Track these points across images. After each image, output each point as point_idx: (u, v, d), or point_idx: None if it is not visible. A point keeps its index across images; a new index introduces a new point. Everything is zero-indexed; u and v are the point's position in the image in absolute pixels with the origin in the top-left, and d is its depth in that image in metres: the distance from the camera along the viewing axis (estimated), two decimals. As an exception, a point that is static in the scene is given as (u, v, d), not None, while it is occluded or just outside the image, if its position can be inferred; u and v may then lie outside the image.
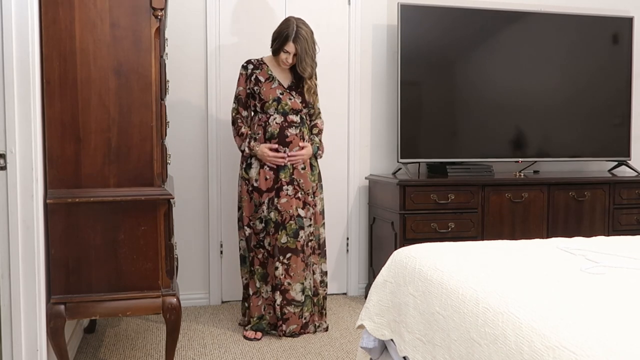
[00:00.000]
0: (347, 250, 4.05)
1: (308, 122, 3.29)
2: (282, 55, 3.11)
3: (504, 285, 1.67)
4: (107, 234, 2.34)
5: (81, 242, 2.32)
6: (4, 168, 2.14)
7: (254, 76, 3.18)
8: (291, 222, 3.14)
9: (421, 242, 2.40)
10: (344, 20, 3.95)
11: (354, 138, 4.00)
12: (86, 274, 2.33)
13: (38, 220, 2.21)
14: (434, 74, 3.92)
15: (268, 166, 3.14)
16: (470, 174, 3.81)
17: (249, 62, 3.23)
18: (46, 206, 2.28)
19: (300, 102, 3.19)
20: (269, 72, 3.19)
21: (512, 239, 3.33)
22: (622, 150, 4.18)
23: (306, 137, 3.22)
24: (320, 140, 3.30)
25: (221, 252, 3.80)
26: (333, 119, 3.95)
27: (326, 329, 3.28)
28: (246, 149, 3.17)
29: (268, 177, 3.15)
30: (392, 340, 2.14)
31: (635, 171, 4.14)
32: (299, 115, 3.20)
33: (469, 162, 3.92)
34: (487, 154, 3.97)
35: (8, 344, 2.21)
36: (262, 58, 3.25)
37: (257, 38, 3.66)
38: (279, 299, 3.15)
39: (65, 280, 2.32)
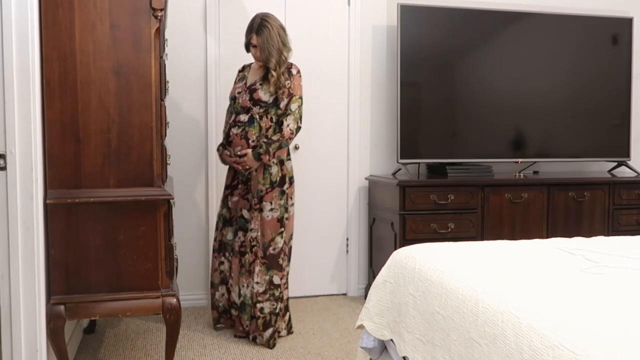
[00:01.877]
0: (347, 251, 4.05)
1: (268, 122, 3.05)
2: (252, 50, 3.11)
3: (503, 285, 1.67)
4: (106, 234, 2.34)
5: (81, 242, 2.32)
6: (3, 168, 2.14)
7: (237, 77, 3.26)
8: (238, 219, 3.17)
9: (421, 243, 2.40)
10: (344, 21, 3.96)
11: (353, 139, 4.00)
12: (86, 275, 2.33)
13: (38, 221, 2.21)
14: (433, 75, 3.92)
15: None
16: (470, 174, 3.81)
17: (244, 65, 3.28)
18: (46, 207, 2.28)
19: (249, 100, 3.06)
20: (245, 73, 3.21)
21: (512, 239, 3.33)
22: (622, 151, 4.19)
23: (252, 137, 3.03)
24: (274, 146, 2.99)
25: (221, 253, 3.80)
26: (333, 120, 3.95)
27: (268, 345, 3.02)
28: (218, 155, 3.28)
29: (230, 174, 3.22)
30: (391, 340, 2.14)
31: (635, 172, 4.14)
32: (248, 114, 3.05)
33: (468, 162, 3.92)
34: (486, 155, 3.97)
35: (8, 345, 2.21)
36: (254, 62, 3.25)
37: (256, 39, 3.66)
38: (227, 294, 3.23)
39: (65, 281, 2.32)
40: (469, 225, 3.61)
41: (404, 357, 2.03)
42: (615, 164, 4.28)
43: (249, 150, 3.01)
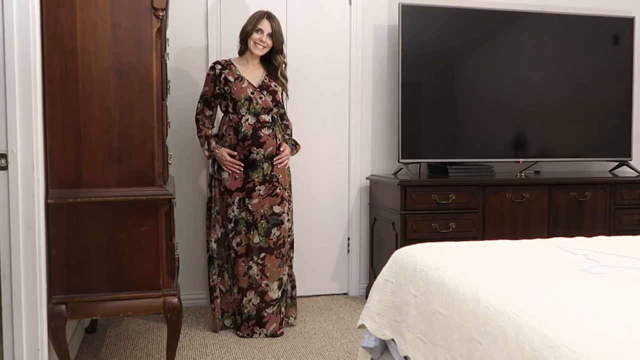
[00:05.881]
0: (348, 251, 4.05)
1: (280, 122, 3.29)
2: (255, 36, 3.13)
3: (505, 285, 1.67)
4: (108, 234, 2.34)
5: (82, 242, 2.32)
6: (5, 168, 2.15)
7: (222, 76, 3.19)
8: (262, 221, 3.14)
9: (422, 242, 2.40)
10: (345, 20, 3.96)
11: (354, 138, 4.00)
12: (87, 274, 2.33)
13: (39, 220, 2.21)
14: (435, 74, 3.92)
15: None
16: (471, 174, 3.81)
17: (217, 62, 3.24)
18: (47, 206, 2.28)
19: (271, 101, 3.19)
20: (237, 72, 3.20)
21: (513, 239, 3.32)
22: (623, 151, 4.18)
23: (279, 136, 3.21)
24: (294, 139, 3.38)
25: (222, 253, 3.80)
26: (334, 119, 3.96)
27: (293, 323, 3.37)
28: (206, 152, 3.20)
29: (237, 177, 3.16)
30: (393, 340, 2.14)
31: (636, 171, 4.13)
32: (270, 115, 3.18)
33: (469, 162, 3.92)
34: (488, 154, 3.97)
35: (9, 344, 2.21)
36: (230, 59, 3.27)
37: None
38: (255, 300, 3.17)
39: (66, 280, 2.32)
40: (470, 225, 3.61)
41: (405, 357, 2.03)
42: (617, 163, 4.28)
43: (286, 145, 3.24)
